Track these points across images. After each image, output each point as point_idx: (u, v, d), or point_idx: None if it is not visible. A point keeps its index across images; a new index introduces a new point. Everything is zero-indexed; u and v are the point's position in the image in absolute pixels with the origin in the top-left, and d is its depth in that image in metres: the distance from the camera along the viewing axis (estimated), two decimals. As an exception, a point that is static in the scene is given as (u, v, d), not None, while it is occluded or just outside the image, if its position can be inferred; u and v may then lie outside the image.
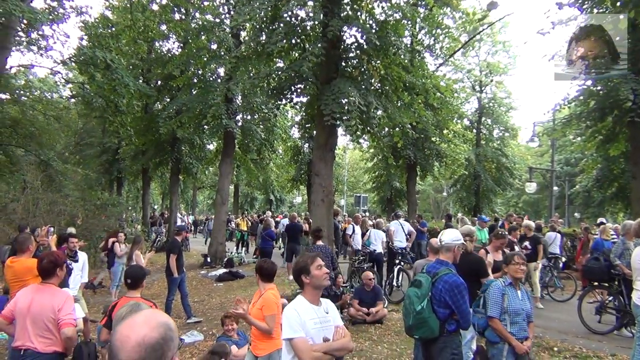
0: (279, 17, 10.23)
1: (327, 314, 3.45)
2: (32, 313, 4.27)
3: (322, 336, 3.33)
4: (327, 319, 3.42)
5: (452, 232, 4.85)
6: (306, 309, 3.37)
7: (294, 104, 12.04)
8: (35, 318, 4.26)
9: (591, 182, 23.24)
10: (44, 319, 4.26)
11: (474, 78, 27.40)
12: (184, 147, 23.27)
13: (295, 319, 3.29)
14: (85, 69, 16.54)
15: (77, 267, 7.95)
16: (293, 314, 3.32)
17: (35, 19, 12.60)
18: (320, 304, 3.48)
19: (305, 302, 3.43)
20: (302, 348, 3.21)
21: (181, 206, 41.40)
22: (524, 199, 49.86)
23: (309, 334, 3.27)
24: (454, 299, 4.35)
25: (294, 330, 3.26)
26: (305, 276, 3.45)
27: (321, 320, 3.38)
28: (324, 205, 10.87)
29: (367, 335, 8.68)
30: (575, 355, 7.55)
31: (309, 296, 3.46)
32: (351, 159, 50.71)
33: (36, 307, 4.28)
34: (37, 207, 14.35)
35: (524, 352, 4.71)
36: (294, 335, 3.24)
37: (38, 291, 4.42)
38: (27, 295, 4.42)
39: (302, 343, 3.22)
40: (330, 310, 3.51)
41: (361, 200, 29.10)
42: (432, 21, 11.18)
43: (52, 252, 4.89)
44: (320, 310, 3.43)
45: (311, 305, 3.41)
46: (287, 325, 3.30)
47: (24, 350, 4.23)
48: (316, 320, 3.34)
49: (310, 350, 3.21)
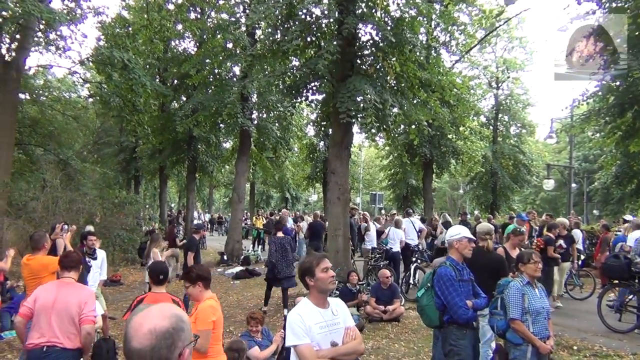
0: (294, 15, 10.23)
1: (335, 316, 3.28)
2: (58, 309, 4.25)
3: (329, 340, 3.17)
4: (336, 322, 3.26)
5: (452, 229, 4.96)
6: (311, 313, 3.21)
7: (309, 101, 12.04)
8: (60, 314, 4.24)
9: (610, 179, 22.92)
10: (71, 315, 4.25)
11: (490, 74, 27.19)
12: (201, 145, 23.43)
13: (299, 325, 3.12)
14: (102, 68, 16.68)
15: (96, 265, 8.04)
16: (297, 319, 3.15)
17: (53, 19, 12.70)
18: (327, 306, 3.31)
19: (310, 305, 3.27)
20: (306, 355, 3.06)
21: (198, 204, 41.61)
22: (542, 196, 49.31)
23: (315, 340, 3.12)
24: (441, 289, 4.55)
25: (298, 336, 3.10)
26: (310, 278, 3.29)
27: (328, 323, 3.21)
28: (340, 203, 10.87)
29: (384, 333, 8.66)
30: (595, 354, 7.46)
31: (315, 299, 3.30)
32: (367, 156, 50.61)
33: (61, 303, 4.28)
34: (57, 205, 14.51)
35: (548, 352, 4.66)
36: (298, 342, 3.09)
37: (62, 287, 4.44)
38: (50, 291, 4.40)
39: (307, 350, 3.07)
40: (340, 312, 3.35)
41: (377, 198, 29.01)
42: (448, 18, 11.09)
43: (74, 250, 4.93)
44: (328, 312, 3.27)
45: (317, 308, 3.25)
46: (291, 332, 3.14)
47: (47, 347, 4.18)
48: (322, 325, 3.18)
49: (315, 357, 3.07)
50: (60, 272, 4.67)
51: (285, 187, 39.77)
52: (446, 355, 4.67)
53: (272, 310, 10.61)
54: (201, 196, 46.34)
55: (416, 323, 9.17)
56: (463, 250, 4.65)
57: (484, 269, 5.36)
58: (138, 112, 19.48)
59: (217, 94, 17.73)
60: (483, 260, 5.72)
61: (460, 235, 4.68)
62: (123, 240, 15.86)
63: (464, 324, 4.55)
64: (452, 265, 4.62)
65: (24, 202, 14.99)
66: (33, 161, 20.09)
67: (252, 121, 19.34)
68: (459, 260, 4.69)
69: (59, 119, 21.34)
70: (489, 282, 5.09)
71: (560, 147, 45.27)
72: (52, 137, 20.55)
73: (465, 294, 4.59)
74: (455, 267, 4.61)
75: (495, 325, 4.89)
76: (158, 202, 31.92)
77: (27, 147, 20.30)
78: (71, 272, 4.54)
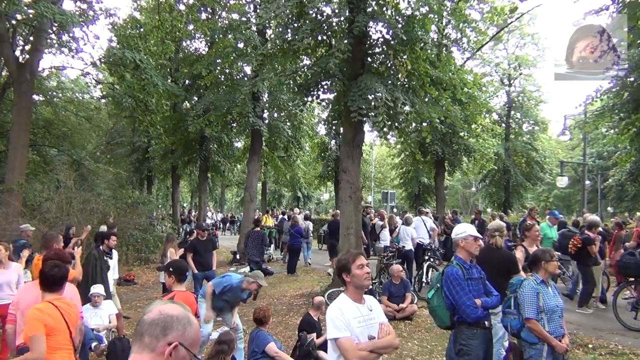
0: (305, 14, 10.22)
1: (371, 312, 3.42)
2: (22, 309, 4.30)
3: (367, 334, 3.30)
4: (372, 317, 3.39)
5: (457, 227, 4.90)
6: (350, 308, 3.34)
7: (320, 100, 12.04)
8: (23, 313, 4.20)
9: (625, 176, 22.70)
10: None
11: (502, 71, 27.01)
12: (212, 145, 23.56)
13: (340, 319, 3.26)
14: (115, 69, 16.83)
15: (111, 265, 8.13)
16: (337, 314, 3.29)
17: (66, 21, 12.82)
18: (364, 302, 3.44)
19: (348, 300, 3.40)
20: (347, 347, 3.19)
21: (210, 204, 41.78)
22: (555, 193, 48.99)
23: (354, 333, 3.25)
24: (449, 289, 4.52)
25: (339, 329, 3.24)
26: (346, 275, 3.41)
27: (365, 318, 3.35)
28: (351, 202, 10.86)
29: (397, 331, 8.61)
30: (610, 352, 7.39)
31: (352, 295, 3.43)
32: (378, 155, 50.47)
33: (23, 303, 4.33)
34: (71, 205, 14.64)
35: (564, 351, 4.61)
36: (339, 335, 3.23)
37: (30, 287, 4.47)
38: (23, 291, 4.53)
39: (348, 342, 3.20)
40: (375, 308, 3.48)
41: (389, 196, 28.92)
42: (459, 15, 11.02)
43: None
44: (364, 308, 3.40)
45: (354, 303, 3.38)
46: (332, 325, 3.28)
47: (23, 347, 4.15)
48: (360, 319, 3.32)
49: (356, 349, 3.19)
50: None
51: (297, 186, 39.76)
52: (457, 354, 4.65)
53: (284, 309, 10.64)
54: (213, 196, 46.53)
55: (429, 322, 9.14)
56: (470, 248, 4.61)
57: (492, 267, 5.30)
58: (150, 112, 19.62)
59: (228, 93, 17.78)
60: (491, 258, 5.68)
61: (465, 234, 4.63)
62: (136, 240, 15.99)
63: (474, 323, 4.51)
64: (459, 264, 4.58)
65: (39, 202, 15.15)
66: (47, 162, 20.29)
67: (264, 120, 19.37)
68: (466, 258, 4.65)
69: (72, 119, 21.53)
70: (498, 280, 5.03)
71: (574, 144, 44.95)
72: (66, 138, 20.74)
73: (476, 292, 4.54)
74: (462, 266, 4.57)
75: (509, 324, 4.84)
76: (171, 202, 32.08)
77: (41, 148, 20.52)
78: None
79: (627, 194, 33.90)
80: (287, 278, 14.92)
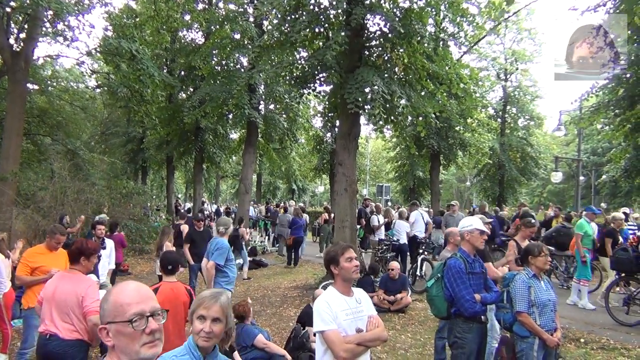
0: (302, 6, 10.17)
1: (359, 304, 3.38)
2: (57, 300, 4.36)
3: (354, 327, 3.28)
4: (360, 309, 3.36)
5: (464, 220, 4.94)
6: (337, 300, 3.31)
7: (317, 92, 12.02)
8: (59, 305, 4.34)
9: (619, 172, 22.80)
10: (67, 306, 4.33)
11: (498, 66, 26.97)
12: (208, 136, 23.48)
13: (327, 311, 3.23)
14: (110, 59, 16.72)
15: (105, 254, 8.11)
16: (324, 306, 3.26)
17: (61, 9, 12.71)
18: (352, 294, 3.41)
19: (336, 293, 3.37)
20: (334, 340, 3.17)
21: (205, 195, 41.69)
22: (549, 188, 49.15)
23: (341, 326, 3.22)
24: (449, 281, 4.57)
25: (326, 322, 3.21)
26: (335, 267, 3.39)
27: (353, 310, 3.32)
28: (347, 195, 10.86)
29: (391, 324, 8.68)
30: (602, 347, 7.46)
31: (340, 287, 3.40)
32: (374, 148, 50.55)
33: (60, 294, 4.37)
34: (65, 195, 14.58)
35: (555, 345, 4.63)
36: (326, 328, 3.20)
37: (62, 278, 4.52)
38: (52, 282, 4.54)
39: (335, 335, 3.18)
40: (363, 300, 3.45)
41: (384, 189, 28.98)
42: (457, 9, 10.99)
43: (81, 240, 4.96)
44: (352, 300, 3.37)
45: (342, 296, 3.35)
46: (319, 318, 3.25)
47: (50, 335, 4.31)
48: (348, 312, 3.29)
49: (343, 342, 3.17)
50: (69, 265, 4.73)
51: (292, 178, 39.76)
52: (450, 346, 4.68)
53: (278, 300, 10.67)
54: (208, 187, 46.44)
55: (423, 315, 9.20)
56: (475, 242, 4.63)
57: None
58: (146, 102, 19.55)
59: (224, 84, 17.71)
60: None
61: (472, 227, 4.65)
62: (131, 230, 15.95)
63: (471, 317, 4.54)
64: (463, 258, 4.60)
65: (33, 191, 15.09)
66: (41, 151, 20.16)
67: (259, 112, 19.32)
68: (470, 252, 4.66)
69: (67, 109, 21.38)
70: None
71: (569, 140, 45.06)
72: (60, 127, 20.60)
73: (476, 287, 4.57)
74: (465, 260, 4.59)
75: (502, 318, 4.87)
76: (165, 192, 32.01)
77: (35, 137, 20.40)
78: (74, 264, 4.60)
79: (621, 190, 34.04)
80: (281, 270, 14.97)
